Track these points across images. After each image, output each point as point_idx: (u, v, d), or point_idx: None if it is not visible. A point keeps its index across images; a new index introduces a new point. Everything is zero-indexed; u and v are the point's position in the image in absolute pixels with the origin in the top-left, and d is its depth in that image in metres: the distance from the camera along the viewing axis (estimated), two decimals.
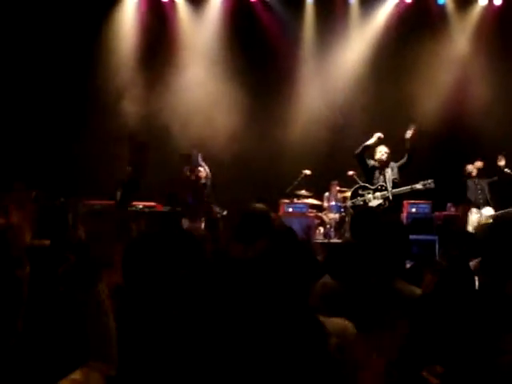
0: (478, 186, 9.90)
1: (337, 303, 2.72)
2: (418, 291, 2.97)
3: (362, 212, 4.31)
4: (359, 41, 12.30)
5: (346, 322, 2.25)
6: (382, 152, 8.97)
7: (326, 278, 3.16)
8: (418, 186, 9.12)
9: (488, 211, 9.63)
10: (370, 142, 8.93)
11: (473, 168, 9.96)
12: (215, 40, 12.13)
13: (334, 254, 3.26)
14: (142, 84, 11.65)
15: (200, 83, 11.66)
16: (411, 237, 10.77)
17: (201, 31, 12.33)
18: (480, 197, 9.82)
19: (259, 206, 4.11)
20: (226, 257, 1.57)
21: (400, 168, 9.03)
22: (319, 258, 3.99)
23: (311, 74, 12.21)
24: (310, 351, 1.67)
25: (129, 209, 9.49)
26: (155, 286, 2.16)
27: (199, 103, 11.59)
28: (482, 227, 8.73)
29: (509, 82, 11.46)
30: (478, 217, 9.95)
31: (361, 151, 8.93)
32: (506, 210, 9.36)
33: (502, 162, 9.77)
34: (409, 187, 9.07)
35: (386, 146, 9.04)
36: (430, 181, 9.11)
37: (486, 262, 2.60)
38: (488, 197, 9.83)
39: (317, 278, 4.06)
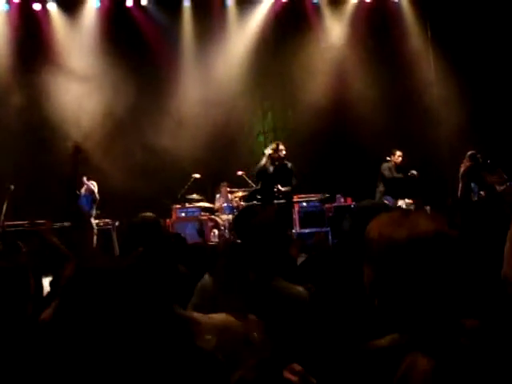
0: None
1: (213, 301, 2.69)
2: (299, 289, 2.98)
3: (242, 211, 4.31)
4: (238, 41, 12.41)
5: (229, 317, 2.23)
6: (281, 149, 9.03)
7: (206, 277, 3.11)
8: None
9: (401, 203, 9.93)
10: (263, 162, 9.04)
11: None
12: (92, 47, 11.81)
13: (212, 254, 3.25)
14: (17, 93, 11.22)
15: (78, 91, 11.35)
16: (305, 230, 11.02)
17: (77, 38, 11.96)
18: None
19: (147, 214, 4.00)
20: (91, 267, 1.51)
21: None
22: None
23: (192, 77, 12.16)
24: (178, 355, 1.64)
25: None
26: None
27: (78, 113, 11.30)
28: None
29: (379, 70, 11.99)
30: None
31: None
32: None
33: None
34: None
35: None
36: (326, 195, 9.48)
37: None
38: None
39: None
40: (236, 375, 1.91)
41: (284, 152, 9.03)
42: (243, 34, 12.46)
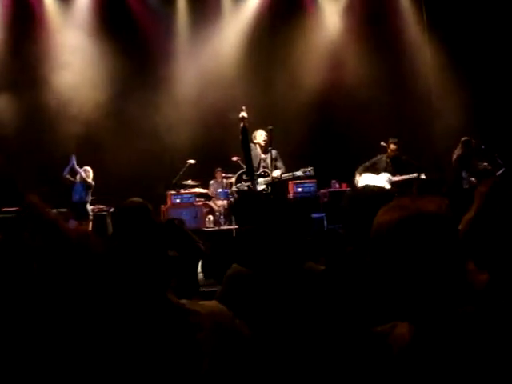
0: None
1: (253, 292, 2.68)
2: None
3: (245, 196, 4.29)
4: (233, 26, 12.36)
5: (220, 305, 2.22)
6: (262, 136, 8.85)
7: (236, 268, 3.00)
8: (299, 173, 9.19)
9: (384, 176, 9.79)
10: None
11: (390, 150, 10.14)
12: (86, 32, 11.73)
13: (235, 243, 3.20)
14: (12, 80, 11.15)
15: (71, 75, 11.30)
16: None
17: (71, 25, 11.87)
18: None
19: (136, 199, 3.93)
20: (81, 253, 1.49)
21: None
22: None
23: (187, 62, 12.11)
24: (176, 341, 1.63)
25: None
26: None
27: (70, 98, 11.26)
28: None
29: (375, 56, 11.97)
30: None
31: (242, 137, 8.75)
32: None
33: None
34: (290, 174, 9.13)
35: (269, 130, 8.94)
36: (309, 168, 9.21)
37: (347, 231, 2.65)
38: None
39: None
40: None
41: (262, 140, 8.77)
42: (238, 18, 12.42)
